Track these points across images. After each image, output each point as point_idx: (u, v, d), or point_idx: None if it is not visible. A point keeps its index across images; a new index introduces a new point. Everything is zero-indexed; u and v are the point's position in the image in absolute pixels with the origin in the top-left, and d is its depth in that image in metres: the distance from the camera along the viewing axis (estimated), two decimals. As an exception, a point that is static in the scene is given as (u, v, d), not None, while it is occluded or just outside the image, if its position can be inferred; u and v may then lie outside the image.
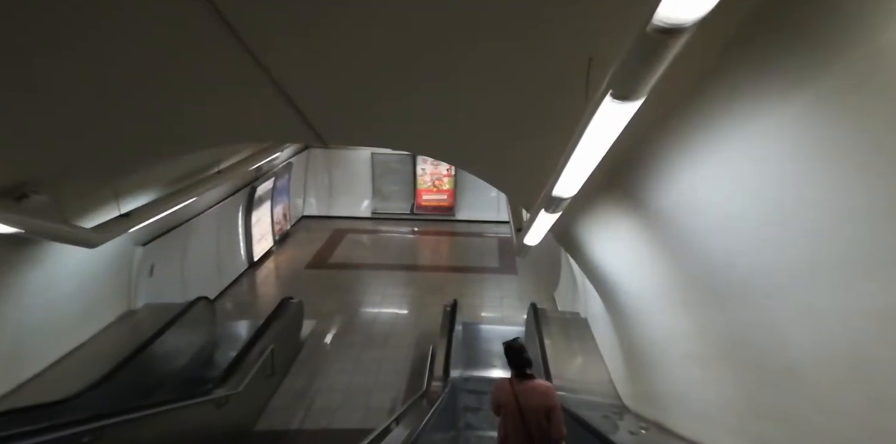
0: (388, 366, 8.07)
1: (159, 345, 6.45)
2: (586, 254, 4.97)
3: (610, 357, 6.43)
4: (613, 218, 3.87)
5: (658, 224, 3.13)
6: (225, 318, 8.97)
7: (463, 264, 12.20)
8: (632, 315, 4.59)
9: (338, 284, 10.77)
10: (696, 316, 3.08)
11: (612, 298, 4.99)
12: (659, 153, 2.76)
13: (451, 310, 8.21)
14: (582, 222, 4.56)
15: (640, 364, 4.85)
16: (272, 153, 9.00)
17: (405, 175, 14.92)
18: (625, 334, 5.15)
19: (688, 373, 3.56)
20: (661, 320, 3.83)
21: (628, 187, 3.31)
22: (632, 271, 4.08)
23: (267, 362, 6.77)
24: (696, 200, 2.61)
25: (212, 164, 7.16)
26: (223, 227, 9.46)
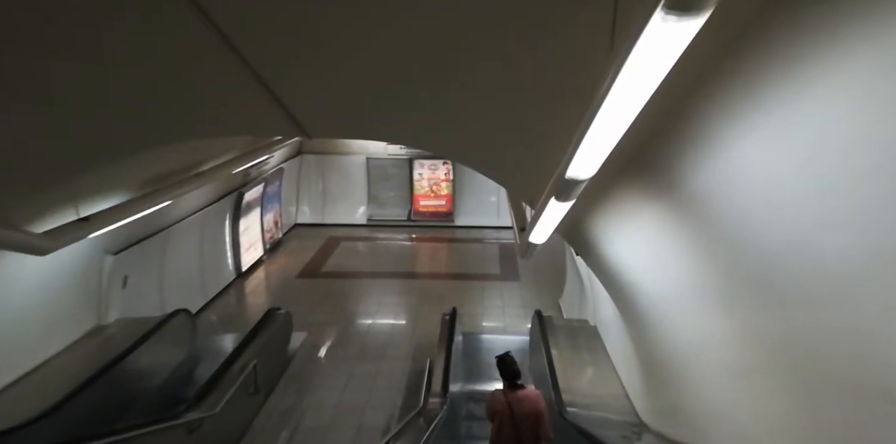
0: (383, 381, 7.51)
1: (130, 363, 5.90)
2: (599, 252, 4.44)
3: (624, 369, 5.87)
4: (634, 207, 3.35)
5: (693, 211, 2.61)
6: (209, 331, 8.42)
7: (462, 271, 11.67)
8: (652, 321, 4.05)
9: (331, 293, 10.23)
10: (742, 320, 2.55)
11: (628, 302, 4.45)
12: (698, 120, 2.25)
13: (449, 319, 7.68)
14: (595, 214, 4.05)
15: (662, 377, 4.30)
16: (259, 156, 8.51)
17: (402, 180, 14.44)
18: (643, 342, 4.61)
19: (728, 388, 3.02)
20: (692, 325, 3.30)
21: (656, 167, 2.80)
22: (655, 269, 3.55)
23: (249, 379, 6.21)
24: (746, 179, 2.10)
25: (191, 165, 6.66)
26: (208, 235, 8.94)
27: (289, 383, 7.33)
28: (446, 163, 14.18)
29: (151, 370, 6.30)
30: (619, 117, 1.72)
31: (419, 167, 14.28)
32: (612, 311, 5.79)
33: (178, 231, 7.81)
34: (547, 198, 3.10)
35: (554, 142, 3.01)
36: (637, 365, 5.08)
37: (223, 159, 7.41)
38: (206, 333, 8.20)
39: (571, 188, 2.72)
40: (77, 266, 5.71)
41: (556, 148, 2.71)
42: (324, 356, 8.09)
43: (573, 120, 2.07)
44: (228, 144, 7.64)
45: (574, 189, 2.74)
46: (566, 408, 5.44)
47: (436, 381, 6.38)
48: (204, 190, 8.52)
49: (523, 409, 3.83)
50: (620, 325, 5.44)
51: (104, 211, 4.85)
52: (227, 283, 10.04)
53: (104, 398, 5.34)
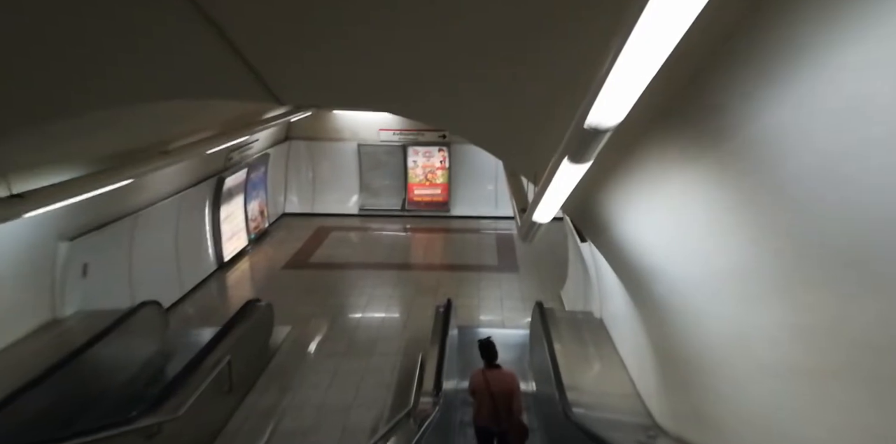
0: (372, 378, 6.95)
1: (88, 359, 5.32)
2: (613, 232, 3.85)
3: (636, 365, 5.31)
4: (662, 172, 2.77)
5: (748, 167, 2.02)
6: (184, 325, 7.84)
7: (459, 262, 11.09)
8: (675, 311, 3.47)
9: (318, 285, 9.64)
10: (813, 310, 1.97)
11: (645, 290, 3.87)
12: (761, 43, 1.65)
13: (444, 312, 7.13)
14: (611, 186, 3.46)
15: (685, 375, 3.72)
16: (236, 137, 7.87)
17: (395, 168, 13.82)
18: (661, 336, 4.03)
19: (783, 393, 2.45)
20: (731, 315, 2.71)
21: (699, 111, 2.20)
22: (684, 249, 2.97)
23: (222, 377, 5.63)
24: (839, 118, 1.50)
25: (156, 143, 6.03)
26: (184, 222, 8.32)
27: (269, 380, 6.76)
28: (442, 150, 13.57)
29: (113, 367, 5.72)
30: (662, 33, 1.16)
31: (413, 154, 13.66)
32: (623, 301, 5.22)
33: (149, 216, 7.20)
34: (558, 161, 2.50)
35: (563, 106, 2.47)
36: (652, 361, 4.50)
37: (194, 138, 6.78)
38: (180, 327, 7.62)
39: (590, 143, 2.12)
40: (24, 253, 5.11)
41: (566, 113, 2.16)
42: (308, 352, 7.52)
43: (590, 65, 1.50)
44: (201, 121, 7.01)
45: (593, 144, 2.13)
46: (572, 408, 4.88)
47: (428, 378, 5.83)
48: (180, 173, 7.92)
49: (499, 386, 4.44)
50: (633, 317, 4.86)
51: (44, 188, 4.24)
52: (207, 274, 9.43)
53: (55, 399, 4.76)
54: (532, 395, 6.49)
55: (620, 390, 5.39)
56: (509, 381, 4.47)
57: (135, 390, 5.73)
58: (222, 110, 7.50)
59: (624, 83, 1.48)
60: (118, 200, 6.48)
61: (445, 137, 13.43)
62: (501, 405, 4.39)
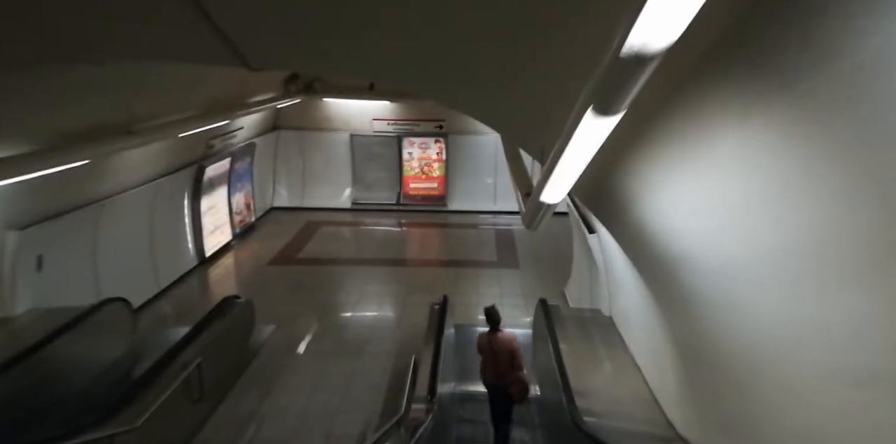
0: (361, 381, 6.39)
1: (39, 362, 4.74)
2: (633, 214, 3.29)
3: (652, 367, 4.75)
4: (704, 133, 2.21)
5: (836, 118, 1.46)
6: (160, 324, 7.26)
7: (456, 257, 10.52)
8: (710, 304, 2.90)
9: (306, 282, 9.07)
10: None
11: (671, 281, 3.30)
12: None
13: (440, 309, 6.58)
14: (633, 158, 2.90)
15: (717, 379, 3.16)
16: (216, 121, 7.29)
17: (389, 160, 13.23)
18: (689, 333, 3.46)
19: (854, 402, 1.90)
20: (788, 306, 2.15)
21: (766, 47, 1.64)
22: (729, 227, 2.40)
23: (190, 382, 5.05)
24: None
25: (122, 122, 5.44)
26: (160, 212, 7.72)
27: (248, 385, 6.19)
28: (438, 141, 13.00)
29: (69, 372, 5.13)
30: None
31: (409, 146, 13.08)
32: (638, 297, 4.66)
33: (118, 205, 6.60)
34: (578, 116, 1.92)
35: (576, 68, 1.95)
36: (674, 364, 3.94)
37: (166, 119, 6.19)
38: (153, 327, 7.04)
39: (626, 81, 1.53)
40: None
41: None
42: (293, 352, 6.95)
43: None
44: (173, 101, 6.43)
45: (631, 82, 1.54)
46: (582, 416, 4.32)
47: (421, 382, 5.28)
48: (153, 159, 7.33)
49: (501, 346, 4.97)
50: (650, 313, 4.30)
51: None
52: (187, 270, 8.84)
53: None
54: (536, 400, 5.93)
55: (635, 395, 4.84)
56: (509, 343, 5.00)
57: (94, 398, 5.14)
58: (197, 89, 6.92)
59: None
60: (80, 187, 5.89)
61: (442, 127, 12.86)
62: (503, 363, 4.93)
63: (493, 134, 12.62)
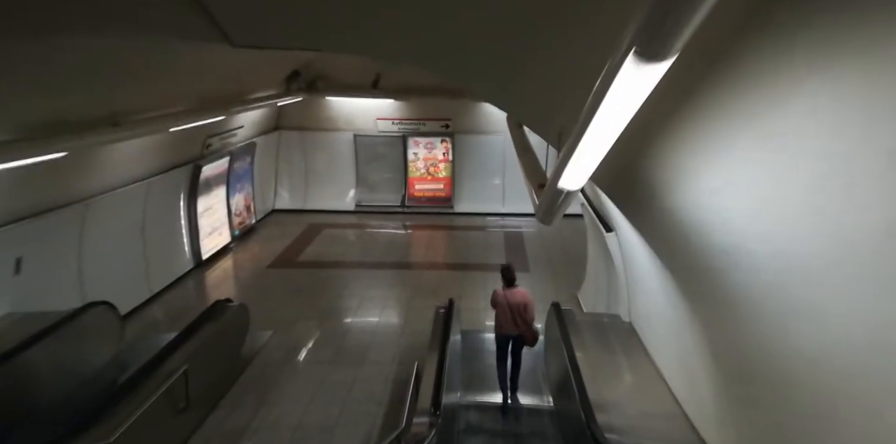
0: (362, 391, 5.99)
1: (13, 370, 4.37)
2: (664, 203, 2.88)
3: (681, 379, 4.30)
4: (765, 93, 1.80)
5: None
6: (151, 330, 6.89)
7: (463, 260, 10.11)
8: (764, 306, 2.47)
9: (307, 285, 8.68)
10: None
11: (712, 280, 2.87)
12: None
13: (445, 313, 6.17)
14: (666, 136, 2.49)
15: (768, 393, 2.72)
16: (210, 116, 6.94)
17: (394, 161, 12.87)
18: (734, 340, 3.03)
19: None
20: (868, 311, 1.73)
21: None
22: (793, 217, 1.98)
23: (176, 392, 4.67)
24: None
25: (106, 113, 5.09)
26: (153, 213, 7.37)
27: (241, 394, 5.79)
28: (445, 141, 12.63)
29: (48, 379, 4.75)
30: None
31: (414, 146, 12.72)
32: (666, 300, 4.23)
33: (106, 204, 6.25)
34: (615, 67, 1.51)
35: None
36: (710, 376, 3.50)
37: (154, 113, 5.84)
38: (143, 332, 6.67)
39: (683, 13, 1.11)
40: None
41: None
42: (290, 360, 6.55)
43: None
44: (162, 93, 6.08)
45: (688, 14, 1.12)
46: (604, 433, 3.88)
47: (425, 392, 4.85)
48: (146, 156, 6.99)
49: (515, 300, 5.47)
50: (680, 319, 3.87)
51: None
52: (182, 273, 8.48)
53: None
54: (549, 413, 5.50)
55: (661, 409, 4.39)
56: (522, 296, 5.52)
57: (74, 408, 4.75)
58: (192, 83, 6.58)
59: None
60: (63, 183, 5.55)
61: (449, 126, 12.49)
62: (517, 314, 5.46)
63: (501, 133, 12.24)
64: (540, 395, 5.92)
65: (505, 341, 5.67)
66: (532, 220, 12.46)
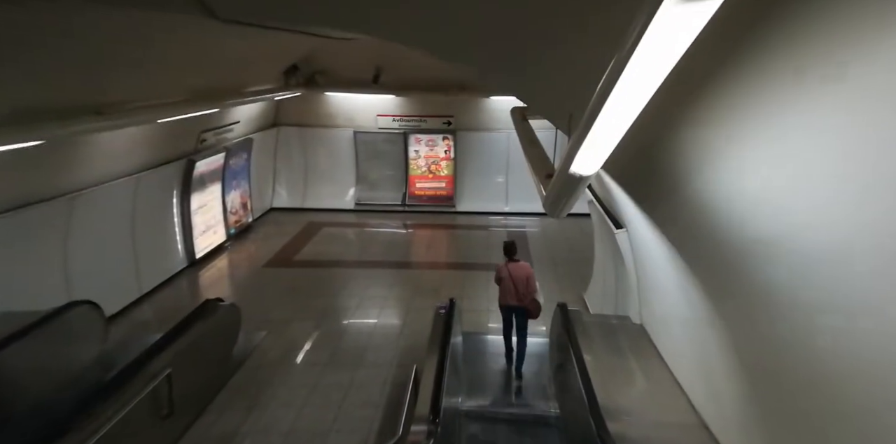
0: (358, 395, 5.70)
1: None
2: (689, 190, 2.58)
3: (700, 386, 4.00)
4: (796, 81, 1.51)
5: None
6: (140, 331, 6.60)
7: (465, 260, 9.81)
8: (805, 306, 2.17)
9: (303, 285, 8.40)
10: None
11: (745, 277, 2.57)
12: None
13: (446, 314, 5.86)
14: (689, 120, 2.20)
15: (813, 408, 2.42)
16: (201, 109, 6.67)
17: (395, 159, 12.58)
18: (760, 346, 2.73)
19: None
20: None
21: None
22: (845, 200, 1.68)
23: (158, 397, 4.38)
24: None
25: (90, 101, 4.83)
26: (143, 209, 7.10)
27: (230, 398, 5.51)
28: (446, 138, 12.34)
29: (23, 382, 4.47)
30: None
31: (415, 143, 12.43)
32: (682, 300, 3.93)
33: (93, 199, 5.98)
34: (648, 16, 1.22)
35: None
36: (736, 383, 3.19)
37: (144, 103, 5.57)
38: (131, 333, 6.39)
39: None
40: None
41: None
42: (284, 362, 6.26)
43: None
44: (150, 83, 5.81)
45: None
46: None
47: (423, 398, 4.55)
48: (136, 149, 6.72)
49: (518, 273, 5.75)
50: (701, 320, 3.56)
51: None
52: (175, 272, 8.20)
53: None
54: (556, 421, 5.19)
55: (677, 417, 4.09)
56: (524, 269, 5.81)
57: (51, 413, 4.47)
58: (183, 74, 6.30)
59: None
60: (46, 175, 5.28)
61: (451, 123, 12.20)
62: (521, 287, 5.72)
63: (505, 130, 11.95)
64: (545, 401, 5.61)
65: (509, 313, 5.96)
66: (536, 219, 12.17)
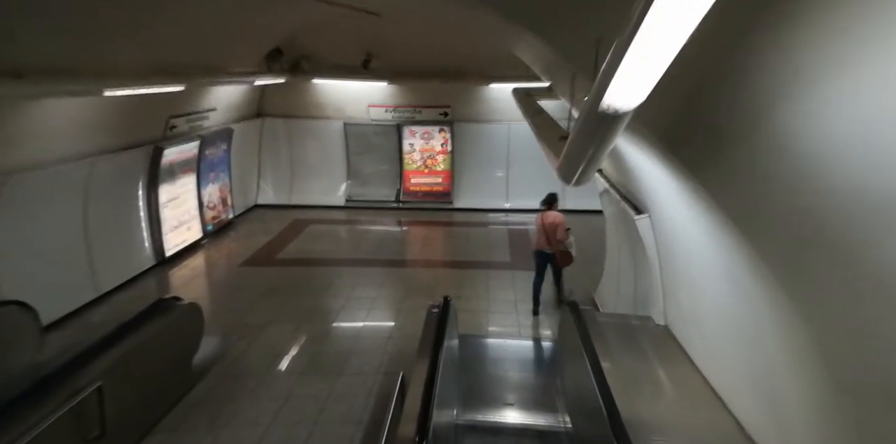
0: (337, 408, 4.95)
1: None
2: (762, 139, 1.80)
3: (754, 398, 3.20)
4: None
5: None
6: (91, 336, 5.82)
7: (463, 258, 9.04)
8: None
9: (284, 285, 7.63)
10: None
11: (841, 254, 1.80)
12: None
13: (439, 314, 5.07)
14: (769, 43, 1.42)
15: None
16: (166, 84, 5.92)
17: (388, 152, 11.84)
18: (863, 347, 1.95)
19: None
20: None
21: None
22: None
23: (85, 415, 3.60)
24: None
25: (9, 65, 4.08)
26: (98, 199, 6.33)
27: (186, 414, 4.73)
28: (443, 130, 11.60)
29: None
30: None
31: (410, 136, 11.69)
32: (731, 295, 3.14)
33: (28, 185, 5.22)
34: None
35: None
36: (813, 392, 2.41)
37: (88, 72, 4.82)
38: (80, 339, 5.61)
39: None
40: None
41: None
42: (254, 371, 5.48)
43: None
44: (104, 52, 5.06)
45: None
46: None
47: (409, 412, 3.76)
48: (89, 129, 5.95)
49: (547, 221, 6.46)
50: (760, 318, 2.78)
51: None
52: (139, 271, 7.43)
53: None
54: (569, 437, 4.40)
55: (717, 434, 3.31)
56: (553, 218, 6.37)
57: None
58: (144, 42, 5.53)
59: None
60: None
61: (448, 114, 11.47)
62: (550, 233, 6.32)
63: (506, 121, 11.21)
64: (554, 413, 4.82)
65: (539, 259, 6.64)
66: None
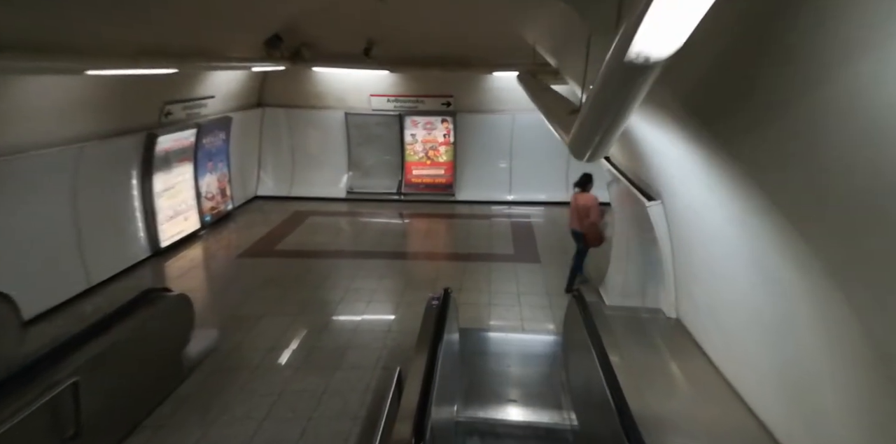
0: (333, 403, 4.74)
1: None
2: (812, 105, 1.55)
3: (780, 396, 2.95)
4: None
5: None
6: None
7: (465, 250, 8.81)
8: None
9: (281, 277, 7.43)
10: None
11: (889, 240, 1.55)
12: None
13: (439, 306, 4.85)
14: None
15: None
16: (156, 65, 5.69)
17: (390, 143, 11.60)
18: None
19: None
20: None
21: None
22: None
23: (60, 413, 3.39)
24: None
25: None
26: (88, 186, 6.12)
27: (174, 411, 4.53)
28: (446, 120, 11.34)
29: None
30: None
31: (412, 126, 11.43)
32: (758, 285, 2.89)
33: (12, 170, 5.01)
34: None
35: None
36: (856, 390, 2.16)
37: (65, 48, 4.59)
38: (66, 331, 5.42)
39: None
40: None
41: None
42: (247, 365, 5.28)
43: None
44: (81, 25, 4.82)
45: None
46: None
47: (406, 410, 3.54)
48: (76, 113, 5.74)
49: (580, 201, 6.67)
50: (794, 310, 2.53)
51: None
52: (133, 262, 7.24)
53: None
54: (576, 437, 4.17)
55: (735, 429, 3.07)
56: (586, 199, 6.60)
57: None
58: (134, 20, 5.29)
59: None
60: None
61: (451, 104, 11.20)
62: (582, 214, 6.59)
63: (510, 111, 10.95)
64: (559, 410, 4.59)
65: (575, 237, 6.89)
66: (543, 209, 11.14)
